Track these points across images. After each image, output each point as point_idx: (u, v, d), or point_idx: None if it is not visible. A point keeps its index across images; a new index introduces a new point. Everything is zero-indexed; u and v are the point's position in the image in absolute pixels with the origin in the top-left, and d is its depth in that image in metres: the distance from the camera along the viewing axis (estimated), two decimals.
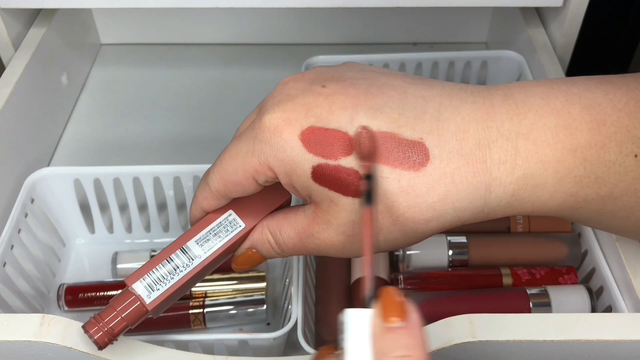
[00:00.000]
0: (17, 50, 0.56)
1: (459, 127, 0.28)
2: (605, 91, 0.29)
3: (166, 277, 0.32)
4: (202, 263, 0.33)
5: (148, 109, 0.65)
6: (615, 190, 0.30)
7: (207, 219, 0.34)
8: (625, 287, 0.40)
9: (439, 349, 0.32)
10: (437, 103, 0.29)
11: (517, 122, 0.28)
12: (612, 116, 0.29)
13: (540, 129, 0.28)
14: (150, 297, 0.32)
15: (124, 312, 0.31)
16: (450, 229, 0.30)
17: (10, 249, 0.44)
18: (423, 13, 0.68)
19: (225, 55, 0.71)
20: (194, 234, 0.33)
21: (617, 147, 0.29)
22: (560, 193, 0.29)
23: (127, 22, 0.71)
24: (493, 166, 0.28)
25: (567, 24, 0.56)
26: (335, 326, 0.43)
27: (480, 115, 0.29)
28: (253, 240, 0.34)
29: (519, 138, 0.28)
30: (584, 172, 0.29)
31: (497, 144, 0.28)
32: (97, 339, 0.31)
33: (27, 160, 0.54)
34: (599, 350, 0.33)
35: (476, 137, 0.28)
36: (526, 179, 0.29)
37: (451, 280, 0.44)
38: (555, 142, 0.28)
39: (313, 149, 0.29)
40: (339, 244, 0.31)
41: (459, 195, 0.29)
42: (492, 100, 0.29)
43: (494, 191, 0.29)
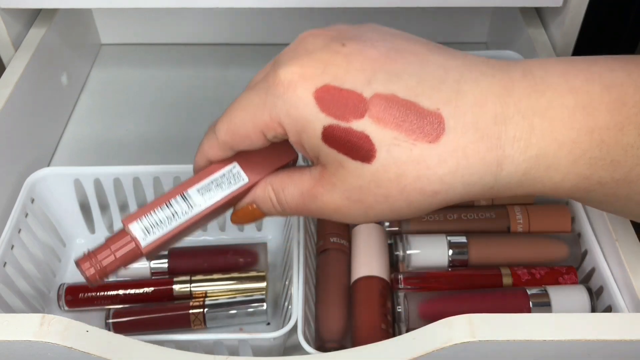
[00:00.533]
0: (17, 50, 0.56)
1: (477, 100, 0.28)
2: (629, 71, 0.28)
3: (164, 221, 0.31)
4: (201, 212, 0.32)
5: (148, 109, 0.65)
6: (630, 174, 0.28)
7: (211, 168, 0.33)
8: (625, 287, 0.40)
9: (439, 349, 0.32)
10: (457, 74, 0.28)
11: (535, 99, 0.28)
12: (633, 97, 0.27)
13: (557, 108, 0.28)
14: (145, 240, 0.31)
15: (118, 251, 0.31)
16: (458, 203, 0.30)
17: (10, 249, 0.44)
18: (423, 13, 0.68)
19: (225, 55, 0.71)
20: (197, 182, 0.32)
21: (636, 130, 0.28)
22: (573, 175, 0.29)
23: (127, 22, 0.71)
24: (507, 143, 0.28)
25: (567, 24, 0.56)
26: (335, 326, 0.43)
27: (499, 89, 0.28)
28: (255, 196, 0.33)
29: (536, 116, 0.28)
30: (600, 154, 0.28)
31: (514, 120, 0.28)
32: (89, 275, 0.31)
33: (27, 160, 0.54)
34: (598, 350, 0.33)
35: (493, 111, 0.28)
36: (539, 158, 0.28)
37: (451, 280, 0.44)
38: (572, 122, 0.28)
39: (326, 109, 0.28)
40: (342, 208, 0.30)
41: (469, 170, 0.28)
42: (511, 75, 0.28)
43: (506, 168, 0.28)
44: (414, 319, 0.41)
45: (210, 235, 0.52)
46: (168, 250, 0.49)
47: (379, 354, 0.33)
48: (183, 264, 0.49)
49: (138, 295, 0.47)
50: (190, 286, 0.47)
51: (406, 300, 0.42)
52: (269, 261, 0.50)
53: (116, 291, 0.47)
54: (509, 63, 0.29)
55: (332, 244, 0.47)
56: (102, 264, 0.31)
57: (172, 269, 0.49)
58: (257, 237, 0.52)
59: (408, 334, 0.33)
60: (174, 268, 0.49)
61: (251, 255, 0.49)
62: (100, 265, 0.31)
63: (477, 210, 0.47)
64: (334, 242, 0.47)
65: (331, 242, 0.47)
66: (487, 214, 0.47)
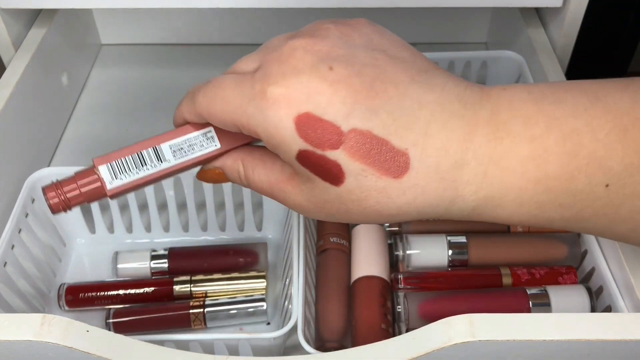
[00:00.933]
0: (17, 50, 0.56)
1: (442, 144, 0.30)
2: (592, 116, 0.30)
3: (132, 169, 0.32)
4: (169, 168, 0.33)
5: (148, 109, 0.65)
6: (583, 214, 0.31)
7: (186, 128, 0.34)
8: (624, 287, 0.40)
9: (439, 349, 0.32)
10: (429, 113, 0.30)
11: (492, 146, 0.30)
12: (587, 147, 0.29)
13: (511, 157, 0.30)
14: (112, 184, 0.32)
15: (84, 188, 0.32)
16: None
17: (11, 248, 0.44)
18: (422, 13, 0.68)
19: (225, 55, 0.71)
20: (170, 138, 0.33)
21: (587, 179, 0.29)
22: (520, 214, 0.31)
23: (128, 23, 0.71)
24: (461, 185, 0.30)
25: (567, 24, 0.56)
26: (335, 326, 0.43)
27: (462, 135, 0.30)
28: (224, 164, 0.35)
29: (490, 163, 0.30)
30: (547, 199, 0.30)
31: (470, 166, 0.30)
32: (52, 204, 0.32)
33: (27, 160, 0.54)
34: (598, 350, 0.33)
35: (454, 157, 0.30)
36: (487, 199, 0.30)
37: (451, 280, 0.44)
38: (522, 171, 0.30)
39: (304, 135, 0.30)
40: (305, 208, 0.33)
41: (424, 203, 0.30)
42: (478, 116, 0.30)
43: (457, 204, 0.31)
44: (413, 318, 0.41)
45: (210, 235, 0.52)
46: (168, 250, 0.49)
47: (379, 353, 0.33)
48: (183, 264, 0.49)
49: (138, 295, 0.47)
50: (191, 286, 0.47)
51: (406, 300, 0.42)
52: (269, 261, 0.50)
53: (116, 291, 0.47)
54: (482, 98, 0.31)
55: (332, 244, 0.47)
56: (66, 195, 0.32)
57: (173, 269, 0.49)
58: (257, 237, 0.52)
59: (408, 334, 0.33)
60: (174, 268, 0.49)
61: (251, 255, 0.49)
62: (64, 197, 0.32)
63: None
64: (334, 242, 0.47)
65: (331, 242, 0.47)
66: None
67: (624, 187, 0.30)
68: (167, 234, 0.52)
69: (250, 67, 0.33)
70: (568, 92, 0.31)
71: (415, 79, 0.31)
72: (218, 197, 0.50)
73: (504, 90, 0.31)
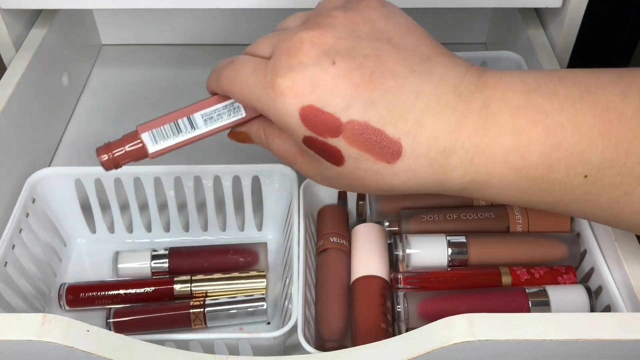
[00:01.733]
0: (18, 50, 0.56)
1: (433, 134, 0.32)
2: (578, 111, 0.32)
3: (169, 136, 0.38)
4: (201, 134, 0.38)
5: (148, 109, 0.65)
6: (564, 200, 0.33)
7: (215, 98, 0.38)
8: (624, 286, 0.40)
9: (439, 348, 0.32)
10: (424, 103, 0.32)
11: (480, 137, 0.32)
12: (569, 141, 0.31)
13: (495, 147, 0.32)
14: (152, 147, 0.38)
15: (129, 150, 0.38)
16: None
17: (11, 248, 0.44)
18: (422, 13, 0.68)
19: (225, 55, 0.71)
20: (202, 108, 0.38)
21: (565, 170, 0.32)
22: (504, 196, 0.34)
23: (128, 23, 0.71)
24: (449, 170, 0.33)
25: (566, 24, 0.56)
26: (335, 326, 0.43)
27: (453, 125, 0.32)
28: (250, 130, 0.39)
29: (476, 153, 0.32)
30: (527, 185, 0.33)
31: (458, 154, 0.32)
32: (104, 162, 0.38)
33: (28, 160, 0.54)
34: (598, 349, 0.33)
35: (443, 145, 0.32)
36: (473, 182, 0.33)
37: (450, 279, 0.44)
38: (505, 161, 0.32)
39: (307, 124, 0.33)
40: (314, 178, 0.37)
41: (417, 183, 0.34)
42: (469, 107, 0.32)
43: (446, 185, 0.34)
44: (413, 318, 0.41)
45: (210, 235, 0.53)
46: (168, 250, 0.49)
47: (378, 353, 0.33)
48: (184, 263, 0.49)
49: (139, 295, 0.47)
50: (191, 286, 0.47)
51: (406, 300, 0.42)
52: (269, 261, 0.50)
53: (117, 291, 0.47)
54: (476, 89, 0.33)
55: (332, 244, 0.47)
56: (115, 156, 0.38)
57: (173, 268, 0.49)
58: (257, 237, 0.52)
59: (408, 334, 0.33)
60: (174, 268, 0.49)
61: (251, 254, 0.49)
62: (114, 157, 0.38)
63: (477, 210, 0.47)
64: (334, 242, 0.47)
65: (331, 242, 0.47)
66: (486, 214, 0.47)
67: (602, 179, 0.32)
68: (168, 233, 0.52)
69: (266, 52, 0.35)
70: (562, 83, 0.33)
71: (415, 69, 0.33)
72: (218, 197, 0.51)
73: (500, 80, 0.33)
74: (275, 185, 0.50)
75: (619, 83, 0.32)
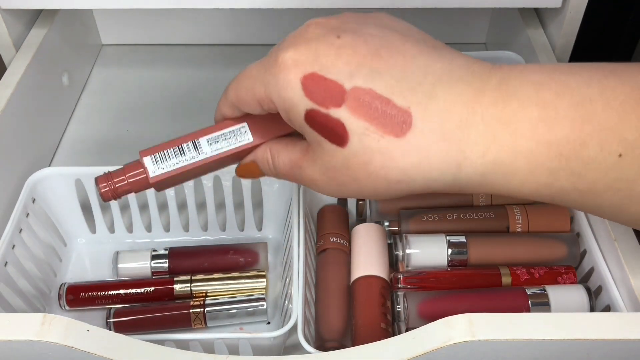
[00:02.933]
0: (18, 50, 0.56)
1: (446, 105, 0.30)
2: (605, 87, 0.29)
3: (172, 160, 0.36)
4: (206, 159, 0.36)
5: (148, 109, 0.65)
6: (596, 187, 0.30)
7: (223, 124, 0.37)
8: (623, 286, 0.40)
9: (439, 348, 0.32)
10: (435, 78, 0.30)
11: (500, 108, 0.29)
12: (601, 115, 0.29)
13: (520, 119, 0.29)
14: (154, 173, 0.36)
15: (130, 178, 0.36)
16: (422, 192, 0.32)
17: (11, 248, 0.44)
18: (422, 14, 0.68)
19: (225, 55, 0.71)
20: (208, 133, 0.37)
21: (599, 146, 0.29)
22: (532, 182, 0.30)
23: (128, 23, 0.71)
24: (467, 146, 0.30)
25: (566, 24, 0.56)
26: (335, 325, 0.43)
27: (468, 97, 0.30)
28: (256, 155, 0.37)
29: (499, 124, 0.29)
30: (559, 165, 0.29)
31: (477, 127, 0.29)
32: (102, 192, 0.36)
33: (28, 160, 0.54)
34: (597, 349, 0.33)
35: (459, 117, 0.30)
36: (496, 164, 0.30)
37: (450, 279, 0.44)
38: (532, 134, 0.29)
39: (309, 94, 0.31)
40: (319, 182, 0.34)
41: (430, 167, 0.30)
42: (486, 84, 0.30)
43: (464, 170, 0.30)
44: (413, 318, 0.41)
45: (210, 235, 0.53)
46: (169, 250, 0.49)
47: (378, 353, 0.33)
48: (184, 263, 0.49)
49: (139, 295, 0.47)
50: (191, 285, 0.47)
51: (406, 300, 0.42)
52: (269, 261, 0.50)
53: (117, 291, 0.47)
54: (492, 69, 0.31)
55: (332, 244, 0.47)
56: (115, 185, 0.36)
57: (173, 268, 0.49)
58: (257, 237, 0.53)
59: (408, 333, 0.33)
60: (174, 268, 0.49)
61: (251, 254, 0.49)
62: (114, 187, 0.36)
63: (477, 210, 0.47)
64: (334, 242, 0.47)
65: (331, 242, 0.47)
66: (486, 214, 0.47)
67: (639, 159, 0.29)
68: (168, 233, 0.52)
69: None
70: (582, 67, 0.31)
71: (424, 52, 0.31)
72: (218, 197, 0.51)
73: (515, 66, 0.31)
74: (275, 185, 0.50)
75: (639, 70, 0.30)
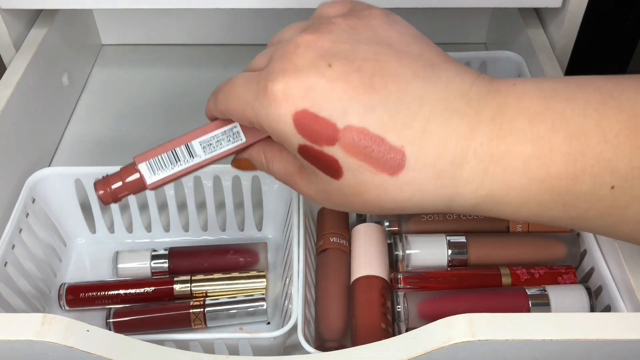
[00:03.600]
0: (18, 50, 0.56)
1: (440, 141, 0.29)
2: (603, 116, 0.29)
3: (167, 165, 0.36)
4: (200, 162, 0.37)
5: (148, 109, 0.65)
6: (588, 214, 0.30)
7: (214, 124, 0.36)
8: (624, 286, 0.40)
9: (439, 348, 0.32)
10: (429, 109, 0.30)
11: (495, 145, 0.29)
12: (595, 148, 0.29)
13: (513, 156, 0.29)
14: (151, 178, 0.36)
15: (127, 183, 0.37)
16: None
17: (11, 248, 0.44)
18: (422, 13, 0.68)
19: (225, 55, 0.71)
20: (200, 135, 0.36)
21: (592, 180, 0.29)
22: (524, 212, 0.31)
23: (128, 23, 0.71)
24: (460, 183, 0.30)
25: (566, 24, 0.56)
26: (335, 325, 0.43)
27: (463, 132, 0.29)
28: (251, 155, 0.37)
29: (492, 162, 0.29)
30: (550, 199, 0.30)
31: (470, 164, 0.30)
32: (101, 195, 0.37)
33: (28, 160, 0.54)
34: (598, 349, 0.33)
35: (453, 154, 0.29)
36: (488, 197, 0.30)
37: (450, 279, 0.44)
38: (525, 170, 0.29)
39: (302, 131, 0.30)
40: (315, 198, 0.34)
41: (422, 199, 0.31)
42: (481, 115, 0.30)
43: (457, 201, 0.31)
44: (413, 318, 0.41)
45: (210, 235, 0.53)
46: (168, 250, 0.49)
47: (378, 353, 0.33)
48: (183, 263, 0.49)
49: (139, 295, 0.47)
50: (191, 286, 0.47)
51: (406, 300, 0.42)
52: (269, 261, 0.50)
53: (117, 291, 0.47)
54: (488, 94, 0.30)
55: (332, 244, 0.47)
56: (114, 190, 0.37)
57: (173, 268, 0.49)
58: (257, 237, 0.52)
59: (408, 334, 0.33)
60: (174, 268, 0.49)
61: (251, 254, 0.49)
62: (112, 191, 0.37)
63: None
64: (334, 242, 0.47)
65: (331, 242, 0.47)
66: None
67: (631, 189, 0.29)
68: (168, 233, 0.52)
69: (263, 64, 0.34)
70: (581, 89, 0.30)
71: (419, 74, 0.30)
72: (218, 197, 0.51)
73: (513, 86, 0.31)
74: (275, 185, 0.50)
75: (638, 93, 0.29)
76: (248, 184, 0.50)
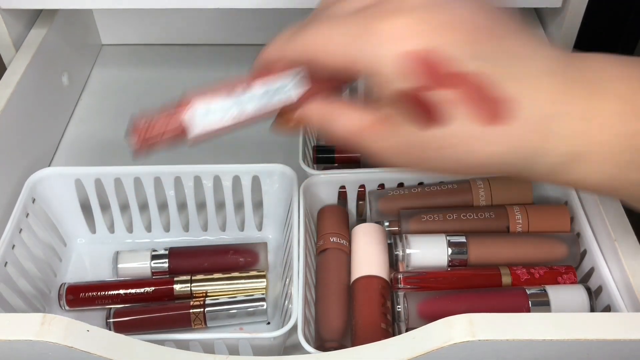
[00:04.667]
0: (18, 50, 0.56)
1: (542, 96, 0.30)
2: None
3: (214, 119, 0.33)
4: (247, 120, 0.33)
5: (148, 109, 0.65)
6: None
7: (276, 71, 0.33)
8: (624, 286, 0.40)
9: (439, 348, 0.32)
10: (535, 67, 0.30)
11: (585, 103, 0.30)
12: None
13: (598, 113, 0.30)
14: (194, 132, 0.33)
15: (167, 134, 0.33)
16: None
17: (11, 248, 0.44)
18: None
19: (225, 55, 0.71)
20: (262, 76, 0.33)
21: None
22: (600, 173, 0.31)
23: (128, 23, 0.71)
24: (549, 138, 0.30)
25: (566, 24, 0.56)
26: (335, 325, 0.43)
27: (557, 90, 0.30)
28: (311, 109, 0.34)
29: (580, 118, 0.30)
30: (630, 157, 0.30)
31: (559, 120, 0.30)
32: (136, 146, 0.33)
33: (28, 160, 0.54)
34: (598, 349, 0.33)
35: (549, 109, 0.30)
36: (569, 154, 0.30)
37: (450, 279, 0.44)
38: (610, 126, 0.30)
39: (411, 73, 0.29)
40: (389, 154, 0.32)
41: (512, 153, 0.30)
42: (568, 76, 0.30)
43: (539, 159, 0.31)
44: (413, 318, 0.41)
45: (210, 235, 0.53)
46: (168, 250, 0.49)
47: (378, 353, 0.33)
48: (184, 263, 0.49)
49: (139, 295, 0.47)
50: (191, 286, 0.47)
51: (406, 300, 0.42)
52: (269, 261, 0.50)
53: (117, 291, 0.47)
54: (569, 59, 0.31)
55: (332, 244, 0.47)
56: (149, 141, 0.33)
57: (173, 268, 0.49)
58: (257, 237, 0.52)
59: (408, 333, 0.33)
60: (174, 268, 0.49)
61: (251, 254, 0.49)
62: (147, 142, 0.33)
63: (477, 210, 0.47)
64: (334, 242, 0.47)
65: (331, 242, 0.47)
66: (486, 214, 0.47)
67: None
68: (168, 233, 0.52)
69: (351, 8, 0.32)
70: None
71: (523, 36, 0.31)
72: (218, 197, 0.51)
73: (595, 55, 0.32)
74: (275, 185, 0.50)
75: None
76: (248, 184, 0.50)
